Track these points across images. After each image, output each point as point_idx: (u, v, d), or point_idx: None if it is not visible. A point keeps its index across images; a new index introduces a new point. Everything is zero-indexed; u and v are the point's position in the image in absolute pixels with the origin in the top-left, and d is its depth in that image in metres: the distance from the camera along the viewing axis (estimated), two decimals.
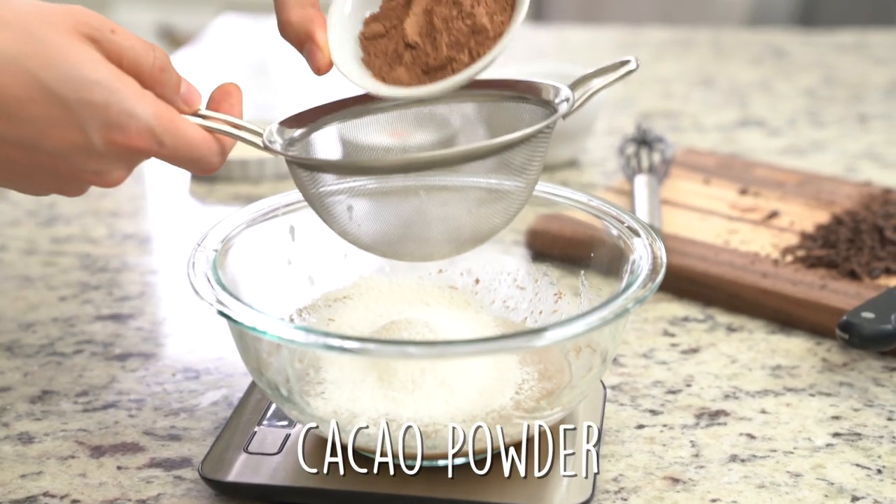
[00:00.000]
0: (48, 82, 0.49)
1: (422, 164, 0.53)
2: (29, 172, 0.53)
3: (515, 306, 0.64)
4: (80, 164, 0.52)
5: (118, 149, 0.51)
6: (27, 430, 0.61)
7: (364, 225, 0.56)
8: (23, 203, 0.92)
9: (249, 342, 0.55)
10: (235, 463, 0.56)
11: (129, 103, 0.50)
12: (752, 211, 0.83)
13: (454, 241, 0.56)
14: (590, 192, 0.66)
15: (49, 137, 0.51)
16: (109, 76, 0.50)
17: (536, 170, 0.56)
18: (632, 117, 1.11)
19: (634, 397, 0.64)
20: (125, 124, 0.51)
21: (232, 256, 0.59)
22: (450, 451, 0.54)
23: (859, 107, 1.15)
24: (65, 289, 0.77)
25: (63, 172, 0.53)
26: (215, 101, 0.56)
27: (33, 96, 0.50)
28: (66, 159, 0.52)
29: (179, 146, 0.53)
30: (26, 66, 0.49)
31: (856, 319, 0.64)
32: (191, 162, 0.54)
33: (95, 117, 0.50)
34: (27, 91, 0.49)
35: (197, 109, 0.55)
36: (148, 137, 0.51)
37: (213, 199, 0.93)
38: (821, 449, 0.60)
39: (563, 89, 0.57)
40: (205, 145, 0.54)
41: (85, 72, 0.50)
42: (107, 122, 0.50)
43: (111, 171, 0.53)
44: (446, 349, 0.52)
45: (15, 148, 0.51)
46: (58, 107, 0.50)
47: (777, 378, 0.66)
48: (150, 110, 0.51)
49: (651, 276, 0.55)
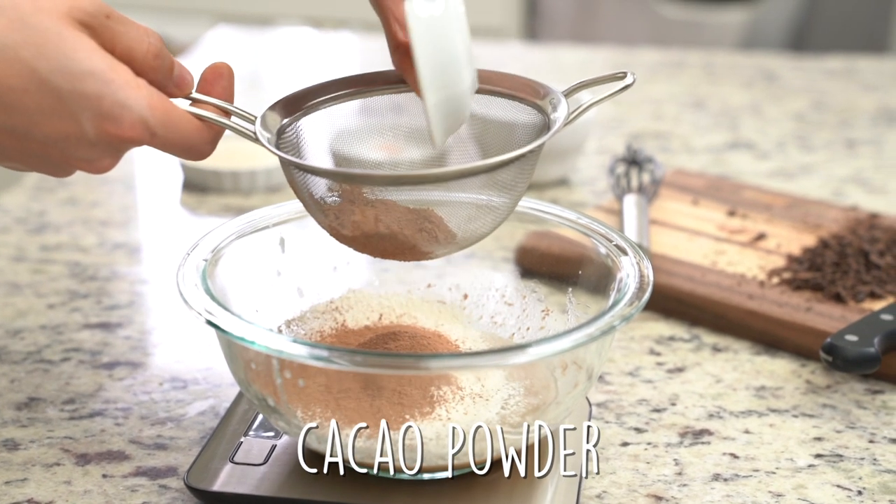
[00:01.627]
0: (42, 72, 0.49)
1: (414, 180, 0.53)
2: (18, 157, 0.53)
3: (503, 322, 0.65)
4: (71, 152, 0.52)
5: (110, 138, 0.51)
6: (13, 437, 0.61)
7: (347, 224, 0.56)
8: (12, 210, 0.92)
9: (237, 352, 0.55)
10: (221, 473, 0.56)
11: (122, 94, 0.50)
12: (739, 233, 0.84)
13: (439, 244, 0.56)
14: (579, 210, 0.67)
15: (41, 126, 0.50)
16: (103, 66, 0.50)
17: (526, 180, 0.56)
18: (622, 137, 1.12)
19: (620, 415, 0.65)
20: (118, 115, 0.50)
21: (221, 267, 0.59)
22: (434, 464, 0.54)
23: (847, 132, 1.16)
24: (53, 296, 0.77)
25: (53, 158, 0.52)
26: (207, 82, 0.56)
27: (27, 86, 0.49)
28: (58, 147, 0.51)
29: (171, 136, 0.52)
30: (21, 55, 0.49)
31: (839, 342, 0.65)
32: (182, 150, 0.54)
33: (88, 108, 0.50)
34: (21, 81, 0.49)
35: (189, 92, 0.55)
36: (141, 128, 0.51)
37: (204, 209, 0.93)
38: (803, 469, 0.60)
39: (561, 102, 0.56)
40: (197, 134, 0.53)
41: (78, 62, 0.49)
42: (100, 112, 0.50)
43: (101, 158, 0.53)
44: (433, 363, 0.53)
45: (6, 135, 0.51)
46: (51, 97, 0.50)
47: (761, 399, 0.67)
48: (143, 101, 0.51)
49: (638, 295, 0.55)
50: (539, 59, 1.44)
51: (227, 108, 0.56)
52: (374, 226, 0.54)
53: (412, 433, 0.54)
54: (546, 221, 0.64)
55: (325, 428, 0.54)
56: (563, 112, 0.56)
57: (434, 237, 0.55)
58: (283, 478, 0.56)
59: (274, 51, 1.44)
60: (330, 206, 0.55)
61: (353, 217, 0.54)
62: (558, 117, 0.56)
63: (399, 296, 0.65)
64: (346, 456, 0.54)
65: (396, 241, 0.55)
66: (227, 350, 0.56)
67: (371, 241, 0.55)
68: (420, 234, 0.55)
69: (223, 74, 0.56)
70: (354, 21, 2.18)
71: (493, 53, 1.46)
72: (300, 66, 1.37)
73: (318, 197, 0.55)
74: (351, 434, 0.54)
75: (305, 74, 1.32)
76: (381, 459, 0.54)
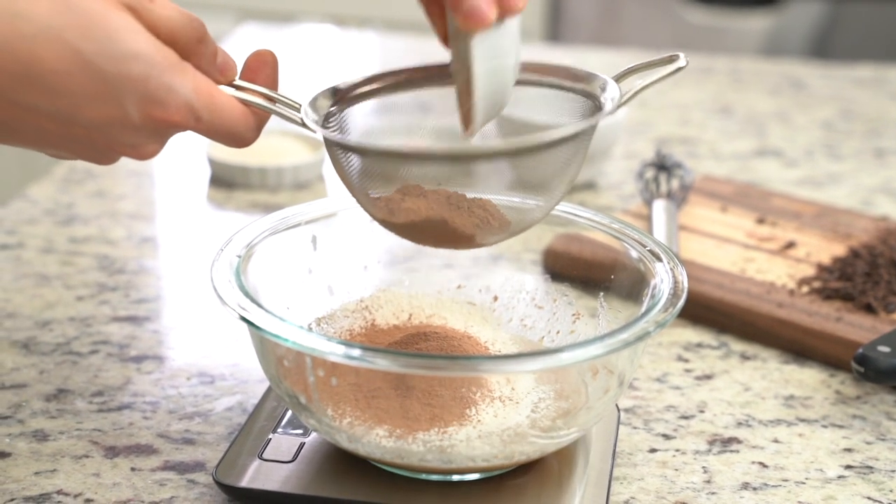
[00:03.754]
0: (87, 55, 0.48)
1: (464, 155, 0.52)
2: (62, 142, 0.52)
3: (533, 325, 0.65)
4: (115, 137, 0.51)
5: (156, 123, 0.50)
6: (42, 428, 0.61)
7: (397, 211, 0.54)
8: (41, 202, 0.92)
9: (270, 349, 0.55)
10: (249, 469, 0.56)
11: (167, 77, 0.49)
12: (768, 240, 0.84)
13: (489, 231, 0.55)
14: (611, 214, 0.67)
15: (86, 111, 0.49)
16: (149, 48, 0.49)
17: (578, 165, 0.55)
18: (649, 142, 1.11)
19: (647, 421, 0.65)
20: (164, 99, 0.50)
21: (254, 263, 0.59)
22: (464, 466, 0.54)
23: (876, 141, 1.15)
24: (82, 288, 0.78)
25: (98, 144, 0.52)
26: (251, 70, 0.55)
27: (71, 70, 0.48)
28: (102, 132, 0.50)
29: (216, 121, 0.52)
30: (65, 37, 0.48)
31: (872, 353, 0.64)
32: (227, 136, 0.53)
33: (134, 91, 0.49)
34: (65, 64, 0.48)
35: (233, 79, 0.54)
36: (186, 112, 0.50)
37: (231, 205, 0.93)
38: (832, 480, 0.60)
39: (610, 85, 0.55)
40: (242, 120, 0.53)
41: (124, 44, 0.49)
42: (145, 96, 0.49)
43: (147, 144, 0.52)
44: (465, 365, 0.53)
45: (50, 119, 0.50)
46: (96, 80, 0.49)
47: (790, 408, 0.66)
48: (188, 84, 0.50)
49: (672, 301, 0.55)
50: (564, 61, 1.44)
51: (271, 94, 0.55)
52: (426, 212, 0.53)
53: (442, 434, 0.53)
54: (577, 224, 0.64)
55: (355, 427, 0.54)
56: (615, 94, 0.55)
57: (487, 223, 0.54)
58: (312, 475, 0.56)
59: (297, 48, 1.44)
60: (378, 192, 0.54)
61: (403, 204, 0.53)
62: (609, 99, 0.55)
63: (429, 296, 0.65)
64: (375, 455, 0.54)
65: (447, 228, 0.54)
66: (258, 346, 0.56)
67: (421, 228, 0.54)
68: (472, 220, 0.54)
69: (267, 62, 0.55)
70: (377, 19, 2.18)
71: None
72: (323, 64, 1.37)
73: (365, 183, 0.54)
74: (381, 433, 0.54)
75: (328, 72, 1.32)
76: (410, 460, 0.54)
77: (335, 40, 1.51)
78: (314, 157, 0.97)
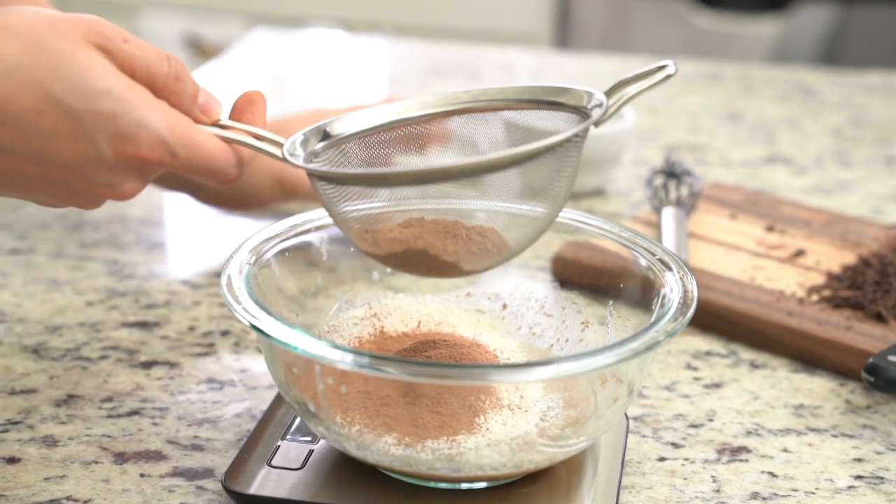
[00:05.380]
0: (56, 93, 0.49)
1: (442, 174, 0.52)
2: (43, 186, 0.52)
3: (542, 333, 0.65)
4: (91, 177, 0.51)
5: (129, 160, 0.50)
6: (52, 434, 0.61)
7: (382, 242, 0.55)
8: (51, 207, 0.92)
9: (279, 356, 0.55)
10: (258, 476, 0.56)
11: (139, 113, 0.50)
12: (778, 248, 0.83)
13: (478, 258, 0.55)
14: (620, 222, 0.66)
15: (59, 150, 0.50)
16: (119, 86, 0.49)
17: (567, 183, 0.55)
18: (658, 149, 1.11)
19: (656, 429, 0.64)
20: (135, 134, 0.50)
21: (264, 270, 0.59)
22: (472, 474, 0.54)
23: (887, 149, 1.15)
24: (92, 294, 0.78)
25: (76, 185, 0.52)
26: (238, 111, 0.55)
27: (42, 108, 0.49)
28: (78, 172, 0.51)
29: (194, 157, 0.51)
30: (35, 77, 0.49)
31: (882, 363, 0.64)
32: (207, 173, 0.53)
33: (104, 128, 0.49)
34: (36, 103, 0.49)
35: (217, 120, 0.54)
36: (159, 148, 0.50)
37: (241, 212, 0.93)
38: (842, 491, 0.59)
39: (596, 94, 0.55)
40: (221, 156, 0.53)
41: (93, 82, 0.49)
42: (116, 132, 0.49)
43: (123, 183, 0.52)
44: (474, 373, 0.53)
45: (26, 161, 0.50)
46: (67, 118, 0.49)
47: (800, 417, 0.66)
48: (161, 121, 0.50)
49: (682, 311, 0.55)
50: (573, 67, 1.44)
51: (257, 132, 0.55)
52: (413, 242, 0.54)
53: (450, 442, 0.53)
54: (586, 232, 0.64)
55: (364, 434, 0.54)
56: (602, 104, 0.54)
57: (485, 250, 0.54)
58: (321, 483, 0.56)
59: (307, 53, 1.44)
60: (366, 225, 0.54)
61: (390, 234, 0.54)
62: (598, 110, 0.54)
63: (437, 304, 0.65)
64: (384, 463, 0.54)
65: (437, 259, 0.54)
66: (268, 354, 0.56)
67: (414, 258, 0.55)
68: (469, 248, 0.54)
69: (255, 103, 0.56)
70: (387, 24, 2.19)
71: (526, 60, 1.45)
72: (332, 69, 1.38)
73: (353, 216, 0.54)
74: (389, 441, 0.54)
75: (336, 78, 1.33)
76: (418, 468, 0.54)
77: (344, 45, 1.51)
78: None
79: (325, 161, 0.57)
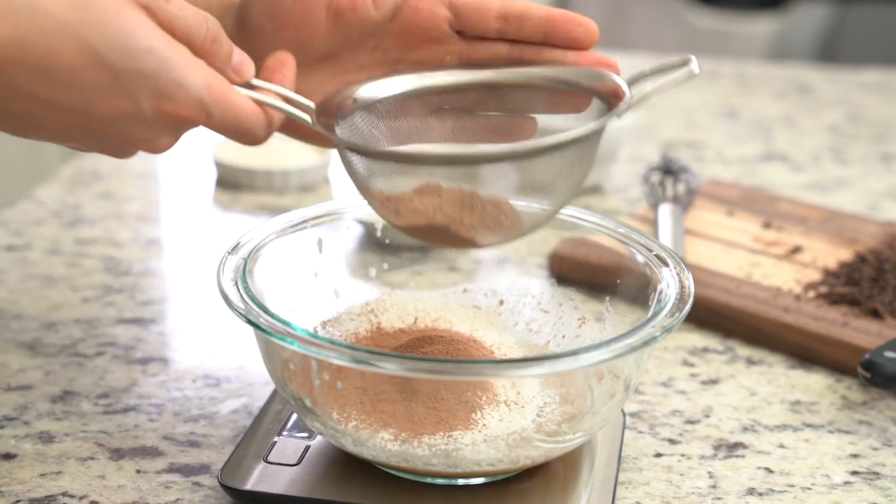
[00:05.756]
0: (100, 50, 0.49)
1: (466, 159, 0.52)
2: (80, 136, 0.53)
3: (539, 329, 0.65)
4: (129, 132, 0.52)
5: (167, 118, 0.51)
6: (48, 430, 0.61)
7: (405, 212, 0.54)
8: (48, 203, 0.92)
9: (275, 352, 0.55)
10: (254, 472, 0.56)
11: (178, 73, 0.50)
12: (775, 245, 0.83)
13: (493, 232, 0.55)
14: (617, 219, 0.66)
15: (99, 105, 0.51)
16: (161, 45, 0.50)
17: (584, 171, 0.55)
18: (655, 146, 1.11)
19: (653, 425, 0.64)
20: (174, 94, 0.51)
21: (260, 266, 0.59)
22: (469, 470, 0.54)
23: (883, 146, 1.15)
24: (88, 290, 0.78)
25: (113, 138, 0.53)
26: (269, 70, 0.56)
27: (86, 64, 0.50)
28: (116, 126, 0.52)
29: (228, 117, 0.52)
30: (79, 33, 0.49)
31: (879, 359, 0.64)
32: (237, 133, 0.54)
33: (145, 86, 0.50)
34: (80, 59, 0.50)
35: (249, 79, 0.55)
36: (197, 107, 0.51)
37: (238, 207, 0.93)
38: (838, 486, 0.59)
39: (622, 85, 0.55)
40: (253, 118, 0.53)
41: (136, 40, 0.50)
42: (156, 91, 0.50)
43: (159, 138, 0.53)
44: (471, 369, 0.53)
45: (66, 113, 0.51)
46: (108, 75, 0.50)
47: (796, 413, 0.66)
48: (200, 80, 0.51)
49: (679, 306, 0.55)
50: None
51: (287, 95, 0.55)
52: (430, 216, 0.53)
53: (447, 438, 0.53)
54: (583, 228, 0.64)
55: (361, 430, 0.54)
56: (625, 96, 0.54)
57: (499, 223, 0.54)
58: (317, 479, 0.56)
59: None
60: (388, 193, 0.54)
61: (411, 205, 0.54)
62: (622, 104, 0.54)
63: (434, 299, 0.65)
64: (380, 459, 0.54)
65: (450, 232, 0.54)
66: (264, 349, 0.56)
67: (426, 231, 0.54)
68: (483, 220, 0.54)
69: (286, 64, 0.56)
70: None
71: None
72: None
73: (374, 185, 0.54)
74: (386, 437, 0.54)
75: None
76: (415, 464, 0.53)
77: None
78: (320, 160, 0.97)
79: (351, 124, 0.57)
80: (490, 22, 0.59)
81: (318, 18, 0.58)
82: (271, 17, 0.58)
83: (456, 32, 0.59)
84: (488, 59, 0.60)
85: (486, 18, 0.59)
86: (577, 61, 0.59)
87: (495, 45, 0.60)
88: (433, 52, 0.60)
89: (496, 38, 0.59)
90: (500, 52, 0.60)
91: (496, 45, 0.60)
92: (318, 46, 0.59)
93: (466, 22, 0.59)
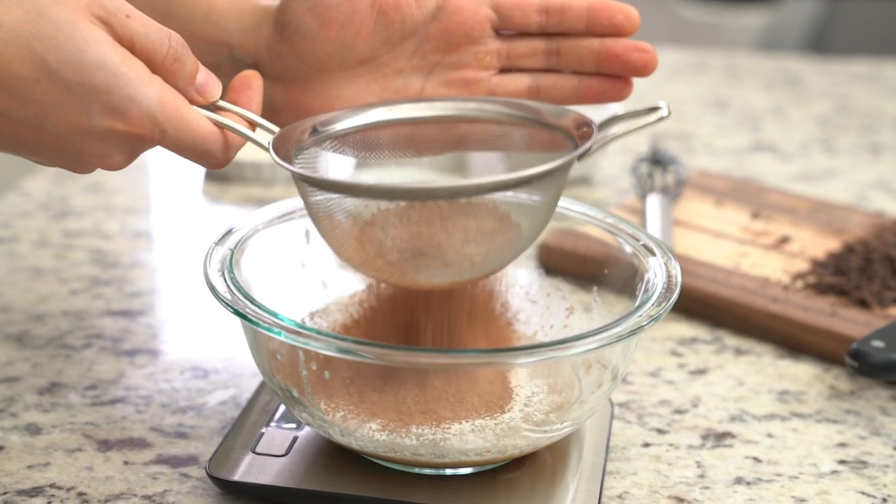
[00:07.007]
0: (51, 64, 0.49)
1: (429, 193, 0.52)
2: (37, 149, 0.52)
3: (527, 319, 0.64)
4: (82, 146, 0.51)
5: (119, 134, 0.51)
6: (35, 422, 0.61)
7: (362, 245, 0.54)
8: (35, 195, 0.92)
9: (263, 343, 0.55)
10: (242, 463, 0.56)
11: (132, 88, 0.50)
12: (763, 235, 0.84)
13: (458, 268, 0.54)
14: (605, 209, 0.66)
15: (52, 118, 0.50)
16: (115, 59, 0.50)
17: (549, 207, 0.55)
18: (644, 137, 1.11)
19: (641, 415, 0.65)
20: (127, 109, 0.50)
21: (247, 257, 0.59)
22: (456, 460, 0.54)
23: (872, 136, 1.15)
24: (75, 282, 0.77)
25: (69, 152, 0.52)
26: (235, 91, 0.55)
27: (37, 76, 0.49)
28: (70, 140, 0.51)
29: (182, 136, 0.51)
30: (33, 45, 0.49)
31: (866, 348, 0.64)
32: (194, 154, 0.53)
33: (97, 101, 0.50)
34: (31, 71, 0.49)
35: (213, 100, 0.54)
36: (150, 124, 0.50)
37: (226, 199, 0.93)
38: (826, 475, 0.60)
39: (590, 122, 0.55)
40: (210, 138, 0.52)
41: (89, 54, 0.49)
42: (108, 106, 0.50)
43: (112, 155, 0.52)
44: (459, 358, 0.53)
45: (21, 125, 0.51)
46: (60, 88, 0.49)
47: (784, 403, 0.66)
48: (154, 96, 0.50)
49: (666, 296, 0.55)
50: None
51: (252, 119, 0.55)
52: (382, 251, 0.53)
53: (434, 428, 0.53)
54: (571, 219, 0.64)
55: (348, 420, 0.54)
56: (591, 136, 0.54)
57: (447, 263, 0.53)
58: (305, 469, 0.56)
59: None
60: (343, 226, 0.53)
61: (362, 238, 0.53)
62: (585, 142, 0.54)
63: None
64: (368, 449, 0.54)
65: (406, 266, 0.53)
66: (252, 340, 0.56)
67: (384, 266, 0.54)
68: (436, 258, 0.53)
69: (251, 85, 0.55)
70: None
71: None
72: None
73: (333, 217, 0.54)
74: (374, 427, 0.54)
75: None
76: (403, 453, 0.53)
77: None
78: None
79: (309, 160, 0.56)
80: (532, 16, 0.59)
81: (363, 16, 0.57)
82: (316, 14, 0.57)
83: (493, 31, 0.59)
84: (527, 55, 0.59)
85: (528, 13, 0.59)
86: (613, 49, 0.58)
87: (533, 41, 0.59)
88: (472, 54, 0.59)
89: (537, 32, 0.59)
90: (538, 48, 0.59)
91: (534, 41, 0.59)
92: (359, 48, 0.58)
93: (509, 19, 0.59)
